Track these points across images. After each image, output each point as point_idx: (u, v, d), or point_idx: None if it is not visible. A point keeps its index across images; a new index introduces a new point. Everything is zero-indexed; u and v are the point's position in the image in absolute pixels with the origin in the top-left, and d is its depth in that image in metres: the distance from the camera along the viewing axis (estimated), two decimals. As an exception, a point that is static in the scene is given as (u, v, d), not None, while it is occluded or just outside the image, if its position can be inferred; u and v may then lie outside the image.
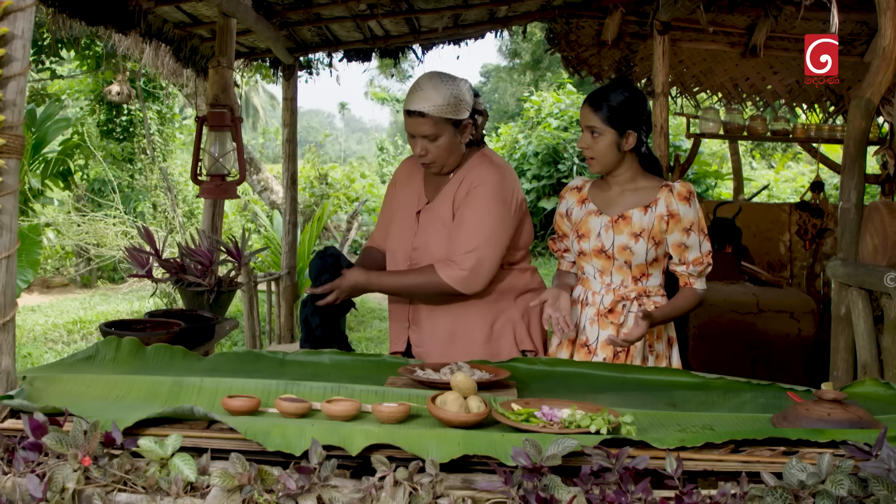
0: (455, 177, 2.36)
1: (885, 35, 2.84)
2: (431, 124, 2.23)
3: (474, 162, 2.36)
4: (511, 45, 19.41)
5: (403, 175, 2.52)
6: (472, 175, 2.31)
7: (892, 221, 2.80)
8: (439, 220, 2.34)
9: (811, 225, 4.92)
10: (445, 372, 1.90)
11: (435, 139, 2.25)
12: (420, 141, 2.26)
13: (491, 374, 1.90)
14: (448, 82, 2.25)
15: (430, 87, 2.23)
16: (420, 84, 2.26)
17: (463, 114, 2.26)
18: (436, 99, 2.21)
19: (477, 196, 2.28)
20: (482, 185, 2.28)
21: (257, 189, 10.72)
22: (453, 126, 2.26)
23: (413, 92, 2.26)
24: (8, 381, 1.54)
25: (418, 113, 2.22)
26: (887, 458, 1.27)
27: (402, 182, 2.51)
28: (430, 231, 2.34)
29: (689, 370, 2.12)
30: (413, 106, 2.23)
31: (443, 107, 2.22)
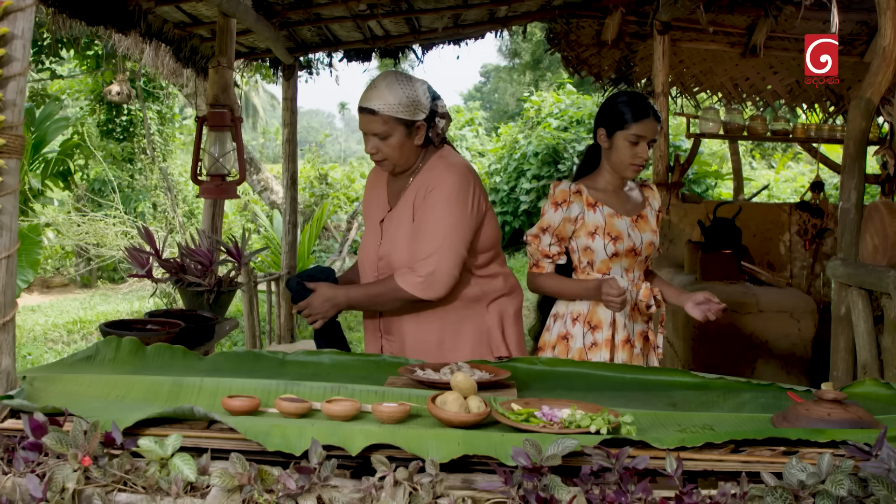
0: (414, 181, 2.33)
1: (885, 35, 2.84)
2: (381, 123, 2.21)
3: (430, 164, 2.33)
4: (511, 45, 19.42)
5: (369, 183, 2.52)
6: (428, 178, 2.29)
7: (892, 221, 2.80)
8: (401, 226, 2.31)
9: (811, 225, 4.92)
10: (445, 372, 1.90)
11: (385, 138, 2.24)
12: (371, 139, 2.26)
13: (491, 374, 1.90)
14: (404, 83, 2.23)
15: (385, 87, 2.22)
16: (376, 83, 2.24)
17: (417, 115, 2.23)
18: (389, 98, 2.20)
19: (433, 199, 2.24)
20: (437, 187, 2.25)
21: (257, 189, 10.72)
22: (405, 126, 2.24)
23: (368, 90, 2.24)
24: (8, 381, 1.54)
25: (369, 110, 2.21)
26: (887, 458, 1.27)
27: (368, 191, 2.51)
28: (394, 238, 2.31)
29: (688, 370, 2.12)
30: (365, 103, 2.22)
31: (395, 106, 2.20)
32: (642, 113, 2.44)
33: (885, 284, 2.67)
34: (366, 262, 2.42)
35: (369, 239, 2.42)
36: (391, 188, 2.41)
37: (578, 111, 13.14)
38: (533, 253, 2.55)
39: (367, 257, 2.41)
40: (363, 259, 2.44)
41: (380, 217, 2.39)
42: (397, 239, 2.31)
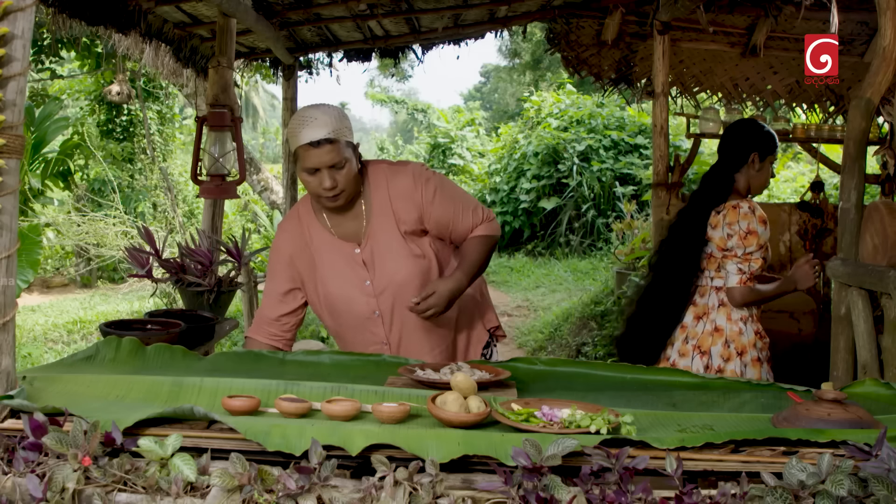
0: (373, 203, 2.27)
1: (885, 35, 2.84)
2: (339, 150, 2.12)
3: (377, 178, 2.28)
4: (511, 45, 19.42)
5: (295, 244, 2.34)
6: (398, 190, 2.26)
7: (892, 221, 2.80)
8: (387, 254, 2.26)
9: (811, 225, 4.92)
10: (445, 372, 1.90)
11: (342, 166, 2.14)
12: (328, 172, 2.12)
13: (491, 373, 1.90)
14: (330, 107, 2.17)
15: (320, 114, 2.12)
16: (308, 114, 2.13)
17: (352, 135, 2.20)
18: (331, 123, 2.11)
19: (431, 193, 2.27)
20: (420, 184, 2.26)
21: (257, 189, 10.72)
22: (353, 150, 2.19)
23: (305, 124, 2.11)
24: (8, 381, 1.53)
25: (326, 140, 2.09)
26: (887, 458, 1.27)
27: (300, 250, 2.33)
28: (384, 268, 2.26)
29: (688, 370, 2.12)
30: (316, 135, 2.09)
31: (340, 129, 2.13)
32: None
33: (885, 284, 2.67)
34: (357, 313, 2.30)
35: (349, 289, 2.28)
36: (337, 227, 2.30)
37: (578, 111, 13.14)
38: (754, 270, 2.84)
39: (358, 306, 2.29)
40: (350, 311, 2.30)
41: (351, 260, 2.28)
42: (390, 264, 2.25)
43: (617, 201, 11.75)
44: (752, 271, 2.86)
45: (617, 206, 11.71)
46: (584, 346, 6.91)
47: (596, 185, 12.12)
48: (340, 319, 2.34)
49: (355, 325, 2.33)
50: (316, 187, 2.17)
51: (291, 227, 2.36)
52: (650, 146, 7.54)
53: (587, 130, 12.77)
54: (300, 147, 2.12)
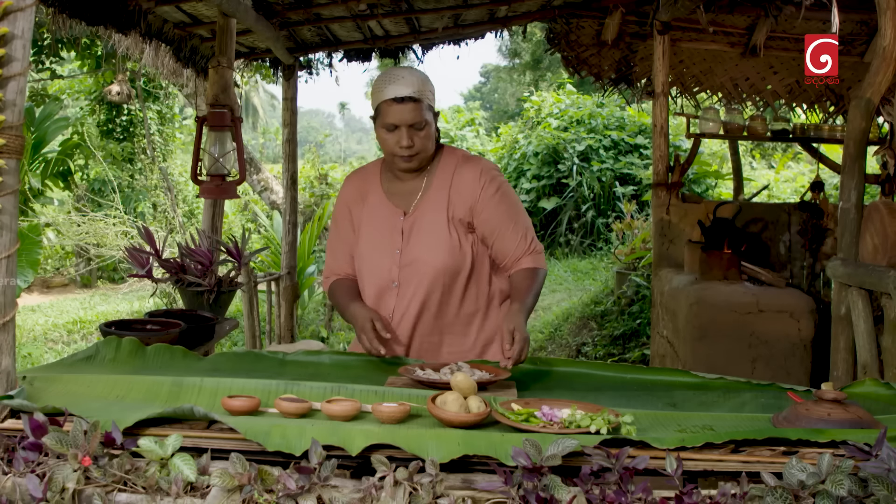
0: (433, 181, 2.25)
1: (885, 35, 2.84)
2: (422, 110, 2.12)
3: (448, 160, 2.27)
4: (511, 45, 19.40)
5: (355, 193, 2.36)
6: (462, 178, 2.24)
7: (892, 221, 2.80)
8: (428, 230, 2.23)
9: (811, 225, 4.92)
10: (445, 372, 1.90)
11: (422, 127, 2.14)
12: (406, 131, 2.13)
13: (491, 373, 1.90)
14: (417, 70, 2.19)
15: (408, 74, 2.14)
16: (396, 73, 2.15)
17: (434, 102, 2.20)
18: (418, 83, 2.11)
19: (491, 196, 2.23)
20: (486, 183, 2.23)
21: (257, 189, 10.72)
22: (434, 116, 2.20)
23: (392, 80, 2.12)
24: (8, 381, 1.54)
25: (410, 98, 2.10)
26: (887, 458, 1.27)
27: (357, 201, 2.35)
28: (419, 242, 2.23)
29: (688, 370, 2.12)
30: (402, 92, 2.10)
31: (425, 91, 2.13)
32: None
33: (885, 284, 2.68)
34: (380, 270, 2.26)
35: (379, 249, 2.27)
36: (393, 192, 2.30)
37: (578, 111, 13.14)
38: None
39: (381, 269, 2.26)
40: (373, 269, 2.27)
41: (392, 224, 2.27)
42: (425, 243, 2.23)
43: (617, 201, 11.75)
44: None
45: (617, 206, 11.70)
46: (584, 346, 6.92)
47: (596, 185, 12.12)
48: (363, 280, 2.32)
49: (373, 289, 2.29)
50: (393, 145, 2.16)
51: (355, 180, 2.40)
52: (650, 146, 7.55)
53: (587, 130, 12.76)
54: (383, 102, 2.13)
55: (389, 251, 2.25)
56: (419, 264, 2.22)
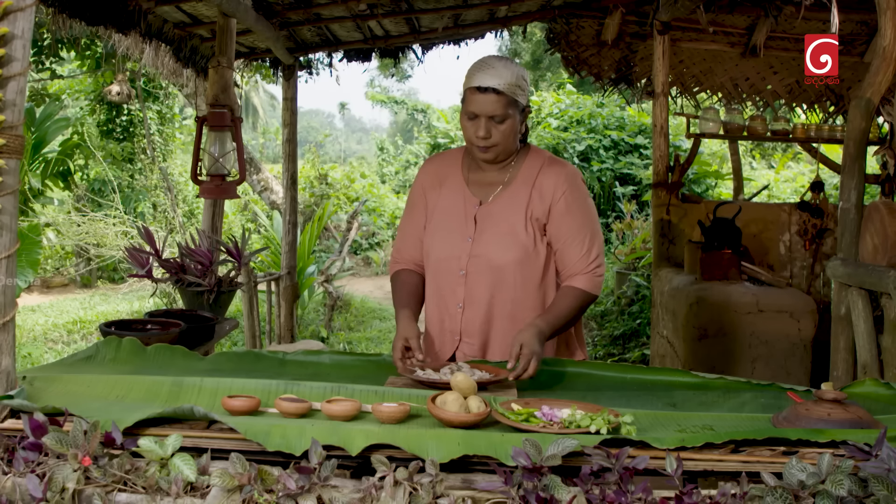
0: (516, 177, 2.23)
1: (885, 35, 2.84)
2: (504, 104, 2.08)
3: (533, 160, 2.24)
4: (511, 45, 19.41)
5: (432, 177, 2.33)
6: (546, 179, 2.20)
7: (892, 221, 2.80)
8: (501, 224, 2.20)
9: (811, 225, 4.92)
10: (445, 372, 1.90)
11: (502, 121, 2.11)
12: (485, 122, 2.10)
13: (491, 373, 1.90)
14: (514, 63, 2.15)
15: (501, 66, 2.10)
16: (488, 62, 2.11)
17: (524, 99, 2.15)
18: (508, 77, 2.08)
19: (575, 198, 2.20)
20: (568, 189, 2.19)
21: (257, 189, 10.72)
22: (519, 111, 2.14)
23: (481, 69, 2.10)
24: (8, 381, 1.54)
25: (492, 89, 2.07)
26: (887, 458, 1.27)
27: (434, 185, 2.32)
28: (492, 236, 2.19)
29: (688, 370, 2.12)
30: (486, 82, 2.07)
31: (513, 86, 2.09)
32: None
33: (885, 284, 2.67)
34: (449, 260, 2.22)
35: (451, 236, 2.23)
36: (473, 181, 2.27)
37: (578, 111, 13.14)
38: None
39: (452, 255, 2.22)
40: (442, 257, 2.24)
41: (467, 211, 2.23)
42: (498, 236, 2.19)
43: (617, 201, 11.75)
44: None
45: (617, 206, 11.71)
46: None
47: (596, 185, 12.12)
48: (430, 265, 2.28)
49: (441, 276, 2.26)
50: (471, 134, 2.15)
51: (434, 164, 2.38)
52: (650, 146, 7.55)
53: (587, 130, 12.76)
54: (469, 89, 2.12)
55: (461, 238, 2.22)
56: (488, 257, 2.19)
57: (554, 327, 2.08)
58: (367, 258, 13.30)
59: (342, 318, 8.70)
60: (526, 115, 2.19)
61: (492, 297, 2.19)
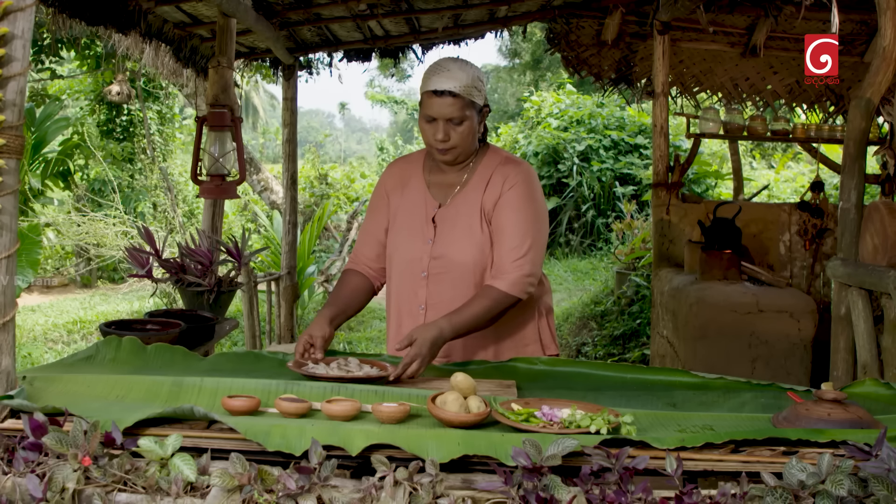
0: (472, 177, 2.24)
1: (885, 35, 2.84)
2: (460, 106, 2.10)
3: (489, 159, 2.25)
4: (511, 45, 19.41)
5: (395, 180, 2.35)
6: (499, 176, 2.21)
7: (892, 221, 2.80)
8: (461, 225, 2.21)
9: (811, 225, 4.92)
10: (333, 367, 1.90)
11: (460, 122, 2.12)
12: (443, 125, 2.12)
13: (381, 369, 1.90)
14: (469, 64, 2.16)
15: (456, 67, 2.11)
16: (443, 64, 2.13)
17: (482, 99, 2.16)
18: (463, 78, 2.09)
19: (516, 197, 2.19)
20: (517, 184, 2.19)
21: (257, 189, 10.72)
22: (476, 111, 2.16)
23: (436, 72, 2.11)
24: (8, 381, 1.54)
25: (448, 92, 2.08)
26: (887, 458, 1.27)
27: (396, 188, 2.33)
28: (451, 237, 2.21)
29: (688, 370, 2.12)
30: (441, 85, 2.09)
31: (469, 87, 2.10)
32: None
33: (885, 284, 2.67)
34: (412, 262, 2.24)
35: (412, 239, 2.25)
36: (433, 183, 2.29)
37: (578, 111, 13.14)
38: None
39: (412, 257, 2.24)
40: (406, 259, 2.25)
41: (427, 214, 2.25)
42: (456, 237, 2.20)
43: (617, 201, 11.75)
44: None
45: (617, 206, 11.71)
46: (584, 346, 6.92)
47: (596, 185, 12.12)
48: (393, 268, 2.30)
49: (403, 278, 2.27)
50: (430, 137, 2.16)
51: (397, 166, 2.40)
52: (650, 146, 7.55)
53: (587, 130, 12.76)
54: (425, 93, 2.13)
55: (422, 241, 2.24)
56: (448, 258, 2.20)
57: (458, 330, 2.05)
58: (367, 258, 13.27)
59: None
60: (484, 115, 2.21)
61: (452, 298, 2.18)
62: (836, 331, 3.07)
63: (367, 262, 2.35)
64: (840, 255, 3.05)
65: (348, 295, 2.29)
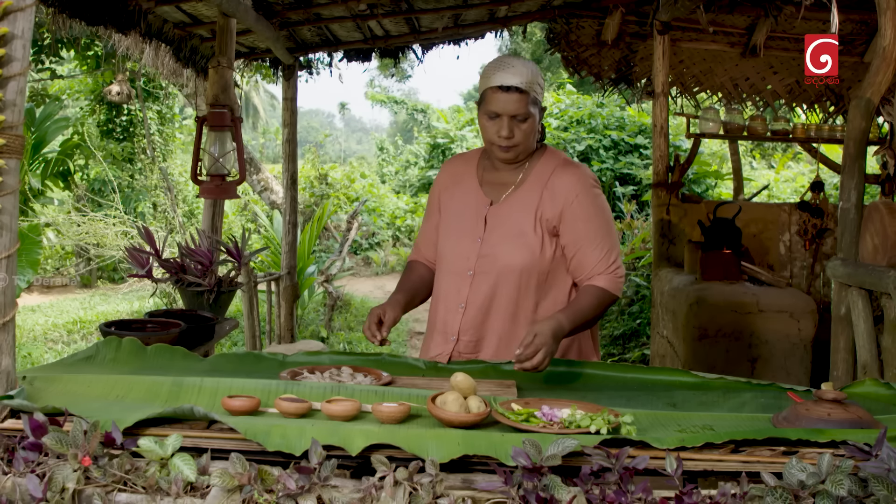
0: (528, 178, 2.20)
1: (885, 35, 2.84)
2: (525, 102, 2.06)
3: (548, 160, 2.21)
4: (511, 45, 19.41)
5: (449, 178, 2.34)
6: (560, 183, 2.17)
7: (892, 221, 2.80)
8: (510, 225, 2.18)
9: (811, 225, 4.92)
10: (326, 376, 1.89)
11: (524, 120, 2.08)
12: (507, 122, 2.08)
13: (375, 377, 1.89)
14: (531, 62, 2.12)
15: (520, 64, 2.07)
16: (507, 61, 2.09)
17: (542, 98, 2.12)
18: (528, 74, 2.05)
19: (584, 208, 2.16)
20: (581, 194, 2.16)
21: (257, 189, 10.72)
22: (539, 110, 2.12)
23: (501, 67, 2.07)
24: (8, 381, 1.54)
25: (515, 88, 2.04)
26: (887, 458, 1.27)
27: (450, 186, 2.32)
28: (498, 237, 2.18)
29: (688, 370, 2.12)
30: (507, 81, 2.04)
31: (533, 84, 2.06)
32: None
33: (885, 284, 2.68)
34: (459, 260, 2.22)
35: (462, 236, 2.23)
36: (487, 181, 2.26)
37: (578, 111, 13.14)
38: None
39: (462, 254, 2.22)
40: (454, 256, 2.24)
41: (478, 211, 2.23)
42: (505, 237, 2.18)
43: (617, 201, 11.74)
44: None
45: (617, 206, 11.71)
46: (584, 346, 6.90)
47: (596, 185, 12.12)
48: (440, 263, 2.30)
49: (449, 275, 2.25)
50: (492, 134, 2.12)
51: (452, 165, 2.40)
52: (650, 146, 7.55)
53: (587, 130, 12.77)
54: (489, 89, 2.09)
55: (471, 238, 2.22)
56: (496, 257, 2.18)
57: (575, 323, 2.03)
58: (367, 258, 13.30)
59: (342, 318, 8.71)
60: (542, 113, 2.18)
61: (493, 298, 2.18)
62: (836, 331, 3.07)
63: (427, 259, 2.39)
64: (840, 255, 3.05)
65: (417, 283, 2.34)
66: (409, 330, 8.49)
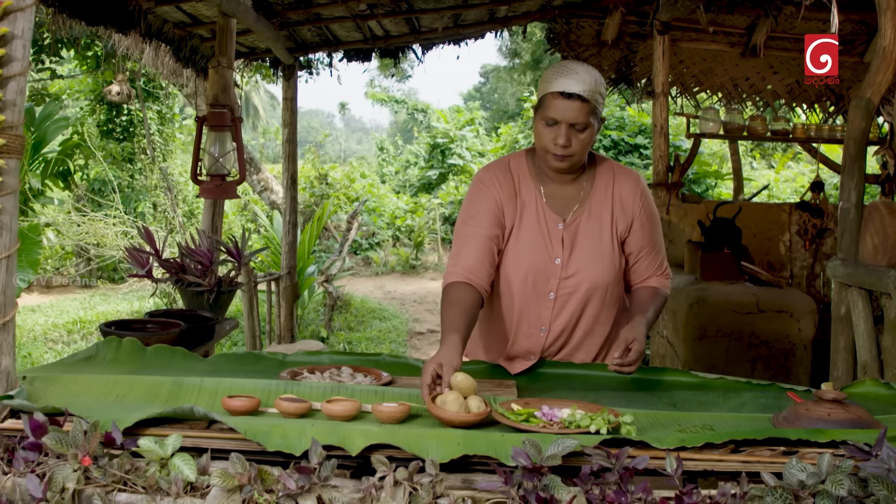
0: (594, 192, 2.13)
1: (885, 35, 2.84)
2: (586, 112, 1.96)
3: (605, 171, 2.15)
4: (511, 45, 19.41)
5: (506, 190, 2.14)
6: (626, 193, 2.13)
7: (892, 221, 2.80)
8: (590, 245, 2.10)
9: (811, 225, 4.93)
10: (326, 377, 1.89)
11: (583, 129, 1.99)
12: (566, 130, 1.97)
13: (375, 377, 1.89)
14: (594, 70, 2.02)
15: (584, 71, 1.98)
16: (571, 66, 1.99)
17: (602, 109, 2.05)
18: (591, 83, 1.96)
19: (646, 216, 2.15)
20: (642, 202, 2.15)
21: (257, 189, 10.73)
22: (598, 120, 2.04)
23: (564, 73, 1.97)
24: (8, 381, 1.54)
25: (577, 96, 1.94)
26: (887, 458, 1.27)
27: (510, 198, 2.13)
28: (580, 258, 2.09)
29: (688, 370, 2.12)
30: (570, 87, 1.95)
31: (595, 93, 1.98)
32: None
33: (885, 284, 2.68)
34: (533, 282, 2.10)
35: (534, 255, 2.09)
36: (550, 196, 2.13)
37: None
38: None
39: (537, 276, 2.09)
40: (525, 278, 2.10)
41: (549, 230, 2.10)
42: (588, 258, 2.09)
43: (617, 201, 11.74)
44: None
45: (617, 206, 11.70)
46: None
47: (596, 185, 12.12)
48: (511, 285, 2.12)
49: (525, 297, 2.12)
50: (548, 141, 2.02)
51: (502, 175, 2.16)
52: (650, 146, 7.54)
53: (587, 130, 12.76)
54: (549, 94, 2.00)
55: (547, 258, 2.10)
56: (581, 279, 2.09)
57: (649, 325, 2.09)
58: (367, 258, 13.30)
59: (342, 318, 8.71)
60: (601, 124, 2.10)
61: (577, 320, 2.13)
62: (836, 331, 3.08)
63: (475, 273, 2.05)
64: (840, 255, 3.05)
65: (467, 311, 1.97)
66: (409, 330, 8.49)
